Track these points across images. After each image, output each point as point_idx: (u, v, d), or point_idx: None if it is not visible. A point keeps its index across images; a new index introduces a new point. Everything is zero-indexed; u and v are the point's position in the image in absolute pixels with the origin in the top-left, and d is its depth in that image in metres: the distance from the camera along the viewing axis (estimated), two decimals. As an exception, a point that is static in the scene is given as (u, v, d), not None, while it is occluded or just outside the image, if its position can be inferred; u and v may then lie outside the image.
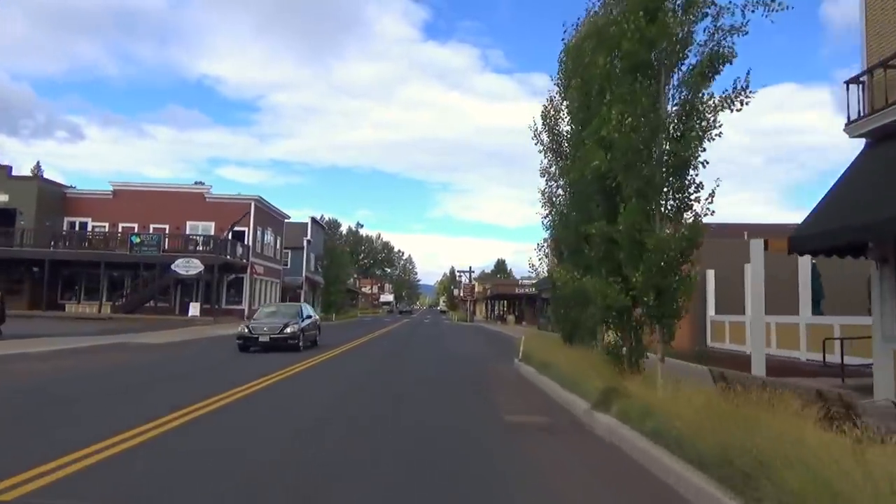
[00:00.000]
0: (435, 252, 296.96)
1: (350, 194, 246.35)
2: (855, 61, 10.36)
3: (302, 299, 64.28)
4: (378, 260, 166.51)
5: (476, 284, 71.83)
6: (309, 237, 63.58)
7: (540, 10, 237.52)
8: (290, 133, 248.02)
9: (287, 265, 62.79)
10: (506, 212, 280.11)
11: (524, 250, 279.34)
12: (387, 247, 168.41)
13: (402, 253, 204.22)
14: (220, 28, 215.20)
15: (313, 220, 66.29)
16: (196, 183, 53.31)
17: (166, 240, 40.39)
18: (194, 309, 37.84)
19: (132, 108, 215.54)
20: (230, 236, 42.69)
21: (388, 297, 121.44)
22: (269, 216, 49.34)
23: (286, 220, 55.61)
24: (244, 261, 43.17)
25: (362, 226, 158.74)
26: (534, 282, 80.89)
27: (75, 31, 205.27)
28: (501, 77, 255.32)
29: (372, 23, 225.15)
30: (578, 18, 12.47)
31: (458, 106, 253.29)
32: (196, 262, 37.27)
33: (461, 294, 75.96)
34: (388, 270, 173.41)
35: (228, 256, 40.89)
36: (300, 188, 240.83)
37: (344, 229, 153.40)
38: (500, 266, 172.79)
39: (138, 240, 37.99)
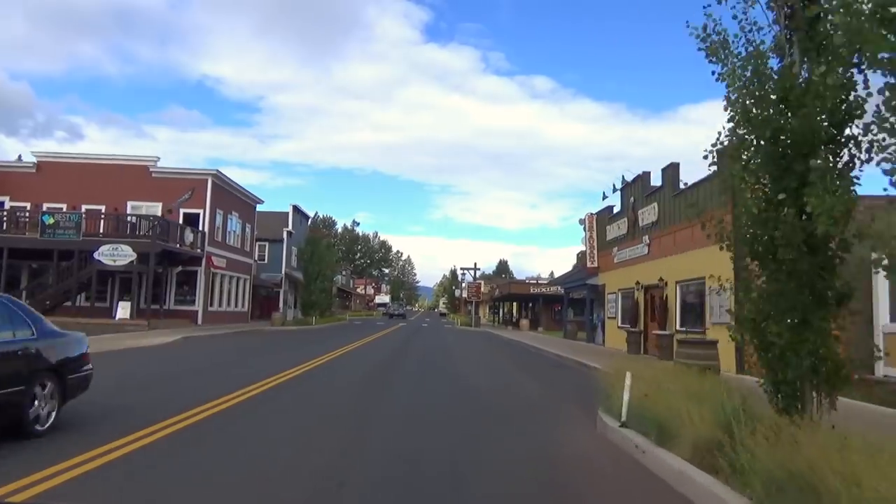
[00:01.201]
0: (434, 255, 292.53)
1: (350, 196, 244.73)
2: None
3: (281, 299, 55.70)
4: (375, 260, 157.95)
5: (482, 284, 63.11)
6: (290, 228, 54.97)
7: (541, 12, 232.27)
8: (291, 134, 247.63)
9: (264, 260, 54.35)
10: (505, 214, 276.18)
11: (525, 252, 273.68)
12: (384, 246, 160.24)
13: (401, 254, 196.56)
14: (220, 28, 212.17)
15: (296, 208, 57.71)
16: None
17: (102, 222, 31.74)
18: (123, 310, 29.16)
19: (132, 108, 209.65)
20: (180, 218, 34.10)
21: (384, 298, 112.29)
22: (233, 198, 40.60)
23: (259, 206, 46.98)
24: (198, 250, 34.56)
25: (358, 224, 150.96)
26: (544, 281, 71.63)
27: (75, 30, 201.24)
28: (502, 79, 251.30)
29: (372, 24, 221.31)
30: None
31: (458, 108, 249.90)
32: (126, 249, 28.62)
33: (465, 295, 67.00)
34: (386, 271, 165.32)
35: (178, 244, 32.30)
36: (300, 190, 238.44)
37: (339, 227, 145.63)
38: (503, 267, 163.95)
39: (51, 220, 29.23)
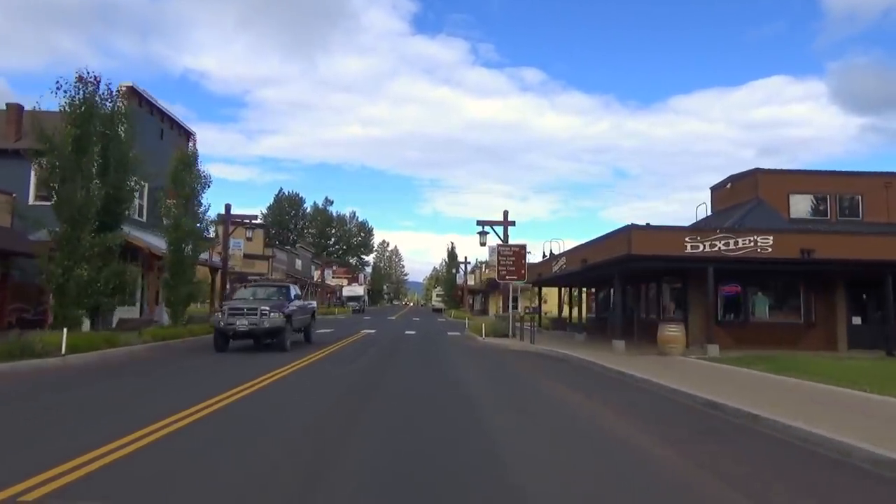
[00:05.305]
0: (425, 249, 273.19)
1: (338, 191, 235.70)
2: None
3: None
4: (353, 245, 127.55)
5: (524, 249, 32.67)
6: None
7: (532, 2, 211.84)
8: (278, 129, 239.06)
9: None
10: (495, 207, 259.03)
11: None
12: (363, 228, 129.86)
13: (387, 243, 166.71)
14: (203, 21, 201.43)
15: (133, 92, 27.17)
16: None
17: None
18: None
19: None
20: None
21: (357, 289, 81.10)
22: None
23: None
24: None
25: (332, 202, 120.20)
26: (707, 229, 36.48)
27: (53, 23, 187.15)
28: (492, 72, 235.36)
29: (359, 16, 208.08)
30: None
31: (447, 101, 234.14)
32: None
33: (496, 272, 33.83)
34: (368, 259, 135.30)
35: None
36: (288, 185, 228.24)
37: (308, 206, 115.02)
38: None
39: None
